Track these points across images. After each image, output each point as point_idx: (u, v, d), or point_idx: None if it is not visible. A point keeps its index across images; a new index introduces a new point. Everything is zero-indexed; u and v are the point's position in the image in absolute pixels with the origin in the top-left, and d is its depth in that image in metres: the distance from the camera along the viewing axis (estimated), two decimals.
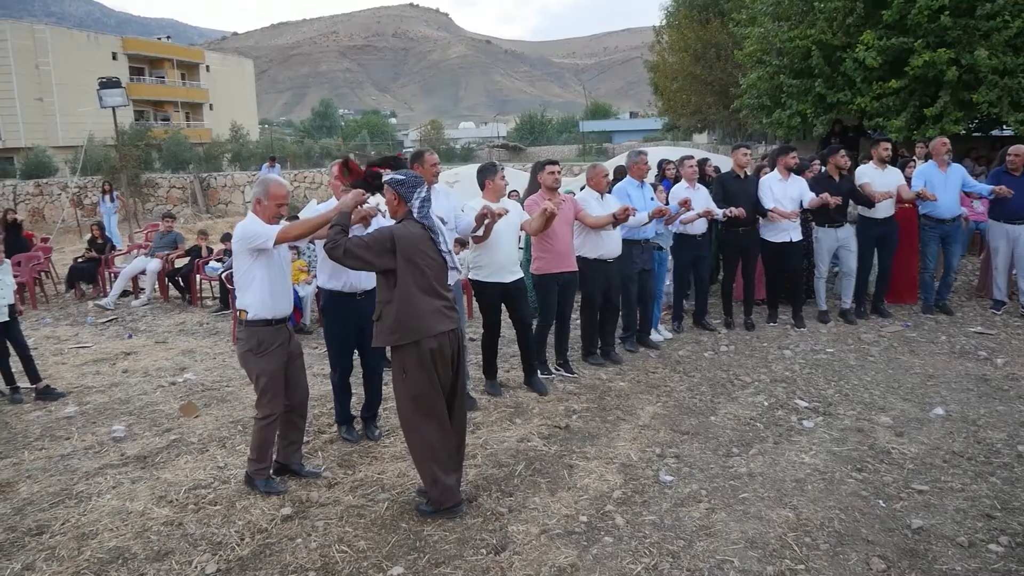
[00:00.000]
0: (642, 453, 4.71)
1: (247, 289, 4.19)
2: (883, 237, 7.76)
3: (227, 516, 4.07)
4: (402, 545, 3.71)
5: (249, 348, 4.21)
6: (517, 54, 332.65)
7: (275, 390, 4.24)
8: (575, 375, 6.32)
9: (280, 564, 3.57)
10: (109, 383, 6.67)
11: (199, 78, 53.17)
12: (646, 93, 35.88)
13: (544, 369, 6.31)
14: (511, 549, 3.63)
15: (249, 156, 29.87)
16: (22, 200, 22.76)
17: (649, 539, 3.70)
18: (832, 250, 7.75)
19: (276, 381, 4.24)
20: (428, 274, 3.84)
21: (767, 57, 14.26)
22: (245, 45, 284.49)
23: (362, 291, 4.82)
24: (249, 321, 4.20)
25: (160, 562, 3.63)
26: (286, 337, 4.34)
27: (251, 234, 4.11)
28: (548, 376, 6.25)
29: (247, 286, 4.19)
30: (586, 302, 6.56)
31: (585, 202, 6.42)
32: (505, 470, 4.50)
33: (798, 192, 7.52)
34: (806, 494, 4.12)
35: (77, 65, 41.15)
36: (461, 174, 12.22)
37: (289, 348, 4.35)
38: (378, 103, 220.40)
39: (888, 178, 7.71)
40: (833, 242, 7.71)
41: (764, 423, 5.18)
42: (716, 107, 22.30)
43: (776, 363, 6.50)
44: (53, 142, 37.06)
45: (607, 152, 38.45)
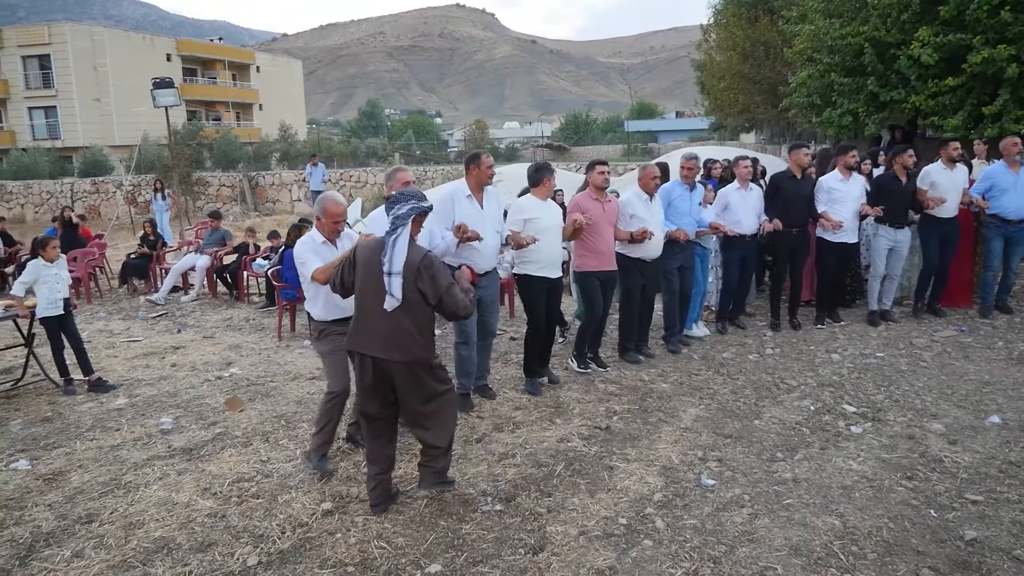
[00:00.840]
0: (683, 456, 4.64)
1: (310, 297, 4.59)
2: (946, 237, 7.56)
3: (269, 509, 4.12)
4: (440, 543, 3.71)
5: (314, 336, 4.70)
6: (562, 54, 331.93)
7: (336, 368, 4.50)
8: (606, 369, 6.38)
9: (319, 558, 3.60)
10: (158, 376, 6.83)
11: (250, 79, 54.15)
12: (692, 92, 35.52)
13: (581, 363, 6.36)
14: (549, 550, 3.61)
15: (296, 155, 30.36)
16: (79, 198, 23.46)
17: (690, 543, 3.64)
18: (888, 249, 7.56)
19: (337, 359, 4.48)
20: (364, 289, 3.83)
21: (818, 55, 13.97)
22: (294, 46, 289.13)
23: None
24: (312, 319, 4.66)
25: (203, 553, 3.69)
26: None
27: (300, 259, 4.46)
28: (584, 370, 6.30)
29: (310, 295, 4.58)
30: (624, 298, 6.58)
31: (631, 203, 6.41)
32: (544, 470, 4.47)
33: (860, 191, 7.37)
34: (853, 501, 4.01)
35: (133, 66, 42.25)
36: (505, 173, 12.19)
37: None
38: (423, 103, 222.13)
39: (956, 178, 7.51)
40: (891, 242, 7.52)
41: (810, 428, 5.06)
42: (764, 106, 21.93)
43: (823, 367, 6.35)
44: (109, 141, 38.15)
45: (652, 152, 38.06)
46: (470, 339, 5.51)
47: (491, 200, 5.46)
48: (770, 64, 20.59)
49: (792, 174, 7.41)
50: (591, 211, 5.95)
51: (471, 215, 5.25)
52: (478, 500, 4.12)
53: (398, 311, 3.68)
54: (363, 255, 3.84)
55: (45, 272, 6.35)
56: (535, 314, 5.87)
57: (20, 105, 41.88)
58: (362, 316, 3.83)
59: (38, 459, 4.99)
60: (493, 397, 5.73)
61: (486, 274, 5.45)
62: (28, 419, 5.80)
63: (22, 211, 23.94)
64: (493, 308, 5.69)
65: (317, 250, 4.45)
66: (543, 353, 6.07)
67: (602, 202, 6.09)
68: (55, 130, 41.62)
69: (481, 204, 5.38)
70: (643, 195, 6.44)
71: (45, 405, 6.17)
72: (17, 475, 4.76)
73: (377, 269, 3.69)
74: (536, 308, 5.85)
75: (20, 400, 6.33)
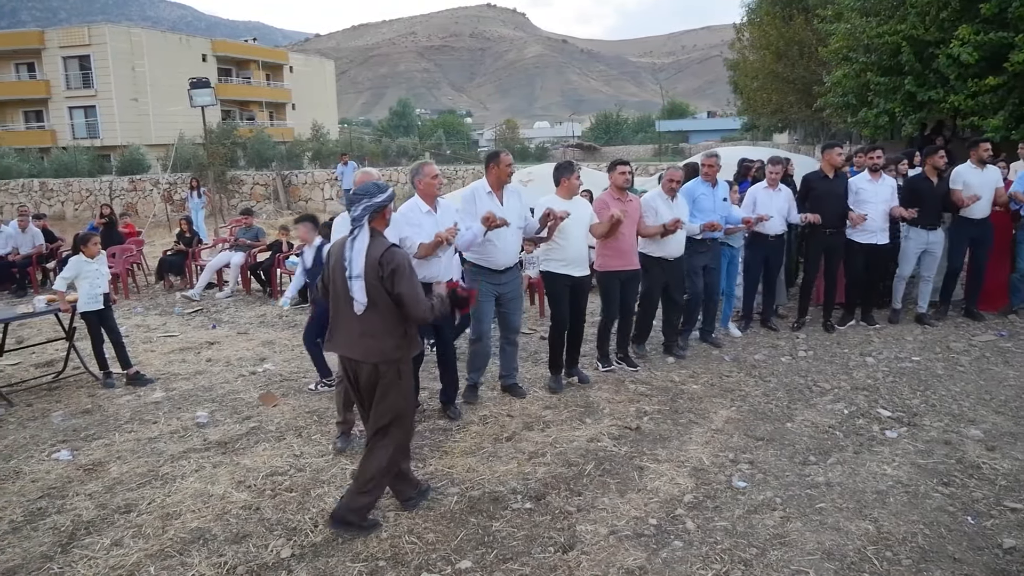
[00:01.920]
0: (715, 457, 4.62)
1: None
2: (977, 239, 7.44)
3: (302, 503, 4.18)
4: (470, 539, 3.73)
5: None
6: (593, 53, 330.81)
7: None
8: (636, 368, 6.38)
9: (351, 552, 3.65)
10: (194, 371, 6.95)
11: (283, 79, 54.78)
12: (724, 92, 35.20)
13: (605, 362, 6.38)
14: (579, 548, 3.62)
15: (328, 154, 30.67)
16: (117, 195, 23.90)
17: (720, 545, 3.62)
18: (919, 252, 7.45)
19: None
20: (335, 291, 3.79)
21: (854, 54, 13.78)
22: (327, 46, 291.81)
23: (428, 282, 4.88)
24: None
25: (238, 544, 3.76)
26: None
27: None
28: (609, 369, 6.33)
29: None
30: (645, 297, 6.58)
31: (654, 202, 6.42)
32: (574, 469, 4.48)
33: (889, 193, 7.26)
34: (888, 507, 3.96)
35: (170, 66, 42.99)
36: (535, 172, 12.23)
37: None
38: (454, 103, 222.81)
39: (987, 178, 7.38)
40: (923, 244, 7.41)
41: (844, 432, 5.00)
42: (798, 106, 21.64)
43: (857, 370, 6.26)
44: (146, 140, 38.80)
45: (683, 152, 37.81)
46: (484, 335, 5.58)
47: (512, 197, 5.47)
48: (804, 63, 20.31)
49: (824, 174, 7.33)
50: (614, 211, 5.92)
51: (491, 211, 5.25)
52: (508, 498, 4.14)
53: (367, 312, 3.63)
54: (332, 257, 3.81)
55: (86, 268, 6.50)
56: (558, 311, 5.87)
57: (61, 105, 42.84)
58: (335, 317, 3.81)
59: (78, 450, 5.11)
60: (523, 396, 5.75)
61: (507, 270, 5.48)
62: (69, 411, 5.95)
63: (62, 208, 24.47)
64: (516, 305, 5.71)
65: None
66: (571, 352, 6.06)
67: (624, 202, 6.09)
68: (94, 129, 42.51)
69: (501, 201, 5.40)
70: (665, 196, 6.45)
71: (85, 397, 6.32)
72: (59, 465, 4.89)
73: (343, 271, 3.66)
74: (559, 305, 5.85)
75: (61, 392, 6.49)
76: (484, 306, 5.47)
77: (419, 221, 4.96)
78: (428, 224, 4.95)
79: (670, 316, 6.77)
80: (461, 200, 5.57)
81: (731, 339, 7.25)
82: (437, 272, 4.95)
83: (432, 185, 5.05)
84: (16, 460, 5.00)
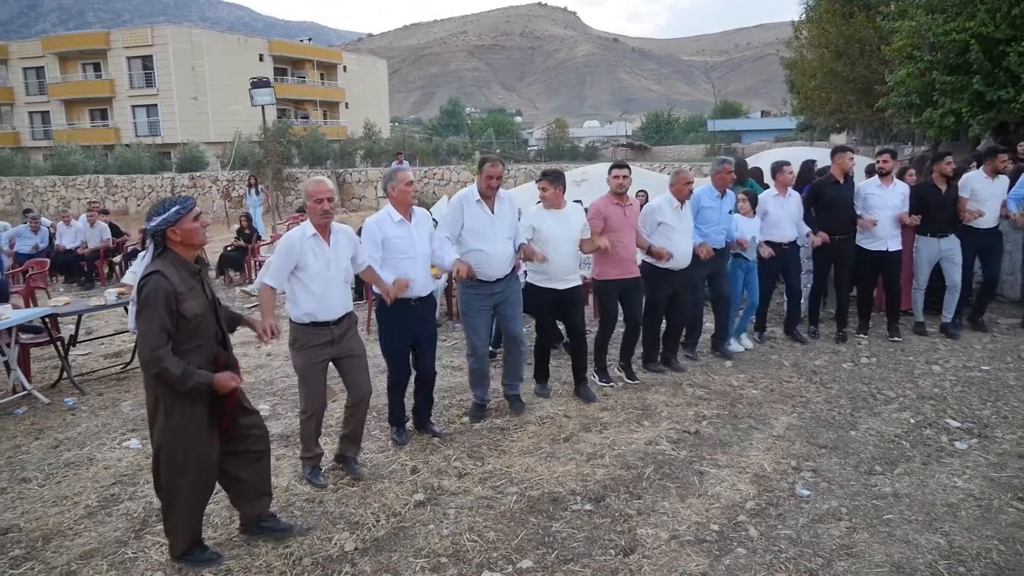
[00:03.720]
0: (776, 464, 4.55)
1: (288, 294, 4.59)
2: (986, 248, 7.29)
3: (363, 498, 4.25)
4: (531, 539, 3.75)
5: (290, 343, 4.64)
6: (644, 52, 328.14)
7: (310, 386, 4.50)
8: (637, 382, 6.13)
9: (413, 548, 3.69)
10: (255, 365, 7.10)
11: (337, 78, 55.66)
12: (778, 91, 34.60)
13: (603, 376, 6.13)
14: (640, 552, 3.60)
15: (380, 153, 31.06)
16: (178, 191, 24.60)
17: (785, 554, 3.56)
18: (933, 261, 7.24)
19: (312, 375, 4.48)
20: None
21: (918, 52, 13.41)
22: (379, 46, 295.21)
23: (416, 297, 4.81)
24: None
25: (303, 536, 3.83)
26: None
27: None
28: (607, 383, 6.08)
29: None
30: (650, 308, 6.30)
31: (660, 210, 6.12)
32: (633, 472, 4.46)
33: (900, 199, 7.09)
34: (959, 521, 3.85)
35: (228, 66, 44.08)
36: (589, 172, 12.16)
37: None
38: (504, 102, 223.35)
39: (996, 189, 7.22)
40: (935, 253, 7.20)
41: (910, 441, 4.87)
42: (858, 106, 21.14)
43: (923, 378, 6.10)
44: (205, 138, 39.85)
45: (736, 152, 37.30)
46: (476, 351, 5.32)
47: (503, 205, 5.18)
48: (865, 62, 19.83)
49: (834, 179, 7.13)
50: (611, 216, 5.74)
51: (480, 220, 5.09)
52: (568, 499, 4.14)
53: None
54: None
55: None
56: (541, 323, 5.81)
57: (125, 104, 44.28)
58: None
59: (148, 439, 5.24)
60: (521, 410, 5.48)
61: (501, 280, 5.22)
62: (137, 401, 6.13)
63: (126, 203, 25.29)
64: (515, 315, 5.38)
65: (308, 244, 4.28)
66: (576, 365, 5.87)
67: (623, 206, 5.80)
68: (156, 127, 43.86)
69: (492, 209, 5.13)
70: (674, 202, 6.11)
71: None
72: (129, 453, 5.05)
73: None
74: (542, 317, 5.76)
75: (129, 382, 6.71)
76: (476, 319, 5.24)
77: (388, 234, 4.70)
78: (399, 235, 4.72)
79: (672, 327, 6.49)
80: (448, 207, 5.33)
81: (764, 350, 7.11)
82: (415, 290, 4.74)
83: (406, 192, 4.74)
84: (89, 447, 5.19)
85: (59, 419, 5.82)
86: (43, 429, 5.60)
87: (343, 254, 4.37)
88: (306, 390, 4.46)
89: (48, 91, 45.57)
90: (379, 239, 4.70)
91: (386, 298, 4.62)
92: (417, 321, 4.89)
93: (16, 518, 4.17)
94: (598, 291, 6.11)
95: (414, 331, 4.91)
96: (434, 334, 5.14)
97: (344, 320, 4.42)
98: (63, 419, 5.82)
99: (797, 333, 7.33)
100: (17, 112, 47.40)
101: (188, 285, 3.38)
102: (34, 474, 4.77)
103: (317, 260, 4.25)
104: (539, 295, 5.65)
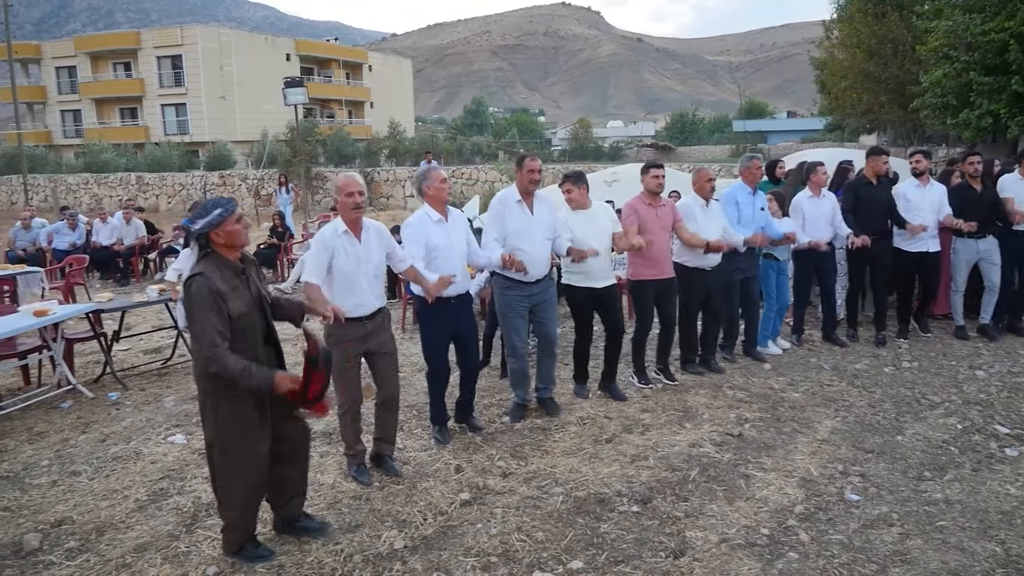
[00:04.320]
0: (823, 468, 4.51)
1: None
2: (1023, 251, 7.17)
3: (409, 496, 4.27)
4: (580, 540, 3.74)
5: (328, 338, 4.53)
6: (668, 52, 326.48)
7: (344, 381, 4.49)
8: (676, 383, 6.12)
9: (463, 547, 3.70)
10: (292, 362, 7.09)
11: (362, 77, 55.95)
12: (804, 91, 34.29)
13: (642, 378, 6.12)
14: (690, 555, 3.58)
15: (405, 152, 31.10)
16: (210, 190, 24.86)
17: (838, 559, 3.53)
18: (971, 263, 7.14)
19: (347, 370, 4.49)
20: None
21: (955, 52, 13.25)
22: (403, 45, 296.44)
23: (456, 296, 4.85)
24: None
25: (352, 533, 3.86)
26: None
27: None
28: (646, 385, 6.06)
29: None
30: (684, 310, 6.28)
31: (688, 209, 6.12)
32: (678, 474, 4.44)
33: (939, 199, 7.01)
34: (1015, 528, 3.79)
35: (256, 66, 44.50)
36: (620, 173, 12.15)
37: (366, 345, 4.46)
38: (527, 101, 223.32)
39: None
40: (973, 254, 7.10)
41: (959, 447, 4.81)
42: (890, 107, 20.90)
43: (968, 384, 6.01)
44: (232, 137, 40.21)
45: (762, 153, 36.99)
46: (516, 350, 5.36)
47: (542, 206, 5.25)
48: (898, 62, 19.60)
49: (868, 180, 7.11)
50: (644, 216, 5.73)
51: (521, 221, 5.13)
52: (614, 500, 4.13)
53: None
54: None
55: None
56: (581, 324, 5.77)
57: (154, 102, 44.84)
58: None
59: (192, 435, 5.33)
60: (557, 412, 5.47)
61: (540, 281, 5.27)
62: (179, 396, 6.22)
63: (156, 201, 25.61)
64: (551, 315, 5.41)
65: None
66: (608, 365, 5.90)
67: (656, 207, 5.82)
68: (184, 126, 44.37)
69: (531, 209, 5.18)
70: (699, 200, 6.15)
71: (193, 384, 6.56)
72: (175, 448, 5.12)
73: None
74: (581, 317, 5.74)
75: (170, 378, 6.80)
76: (516, 320, 5.28)
77: (428, 233, 4.74)
78: (438, 233, 4.76)
79: (709, 328, 6.48)
80: (489, 208, 5.38)
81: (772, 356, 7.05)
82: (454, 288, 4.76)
83: (442, 190, 4.80)
84: (135, 441, 5.26)
85: (104, 414, 5.91)
86: (89, 423, 5.69)
87: (375, 251, 4.41)
88: (341, 385, 4.47)
89: (80, 90, 46.27)
90: (422, 239, 4.72)
91: (428, 296, 4.63)
92: (456, 318, 4.93)
93: (69, 510, 4.24)
94: (633, 291, 6.10)
95: (454, 328, 4.94)
96: (474, 329, 5.19)
97: (377, 315, 4.48)
98: (108, 414, 5.91)
99: (836, 337, 7.24)
100: (49, 110, 48.18)
101: (231, 285, 3.41)
102: (83, 467, 4.85)
103: (348, 257, 4.30)
104: (576, 296, 5.67)
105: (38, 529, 4.02)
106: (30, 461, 4.98)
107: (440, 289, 4.59)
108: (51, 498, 4.42)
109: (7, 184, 29.13)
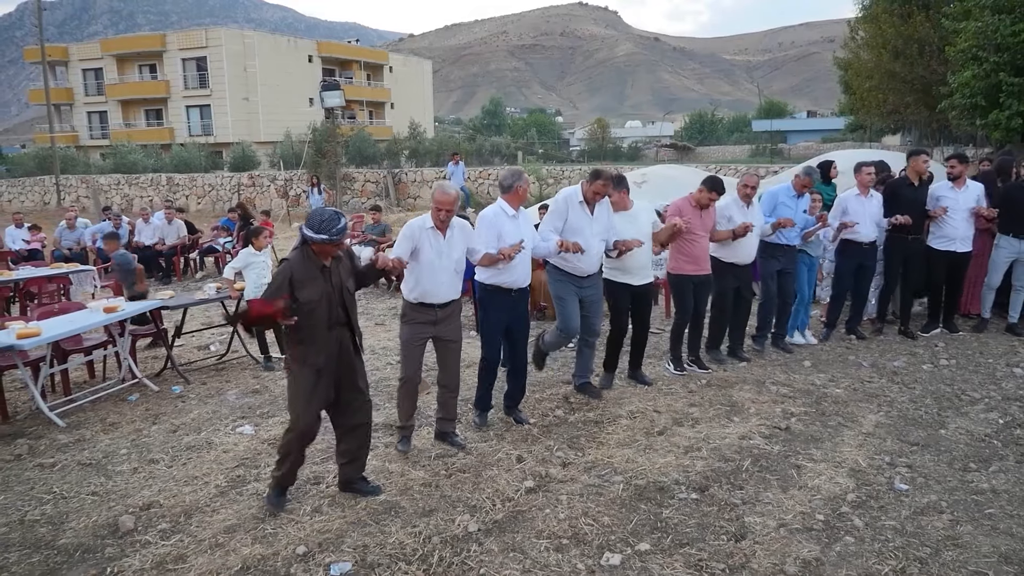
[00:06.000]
0: (871, 460, 4.69)
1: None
2: None
3: (476, 483, 4.49)
4: (644, 524, 3.95)
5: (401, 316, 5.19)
6: (686, 51, 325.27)
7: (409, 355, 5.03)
8: (708, 371, 6.52)
9: (534, 530, 3.92)
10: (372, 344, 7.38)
11: (383, 78, 56.36)
12: (824, 91, 34.31)
13: (678, 365, 6.55)
14: (751, 538, 3.78)
15: (425, 153, 31.18)
16: (241, 191, 25.25)
17: (892, 543, 3.72)
18: (1010, 261, 7.30)
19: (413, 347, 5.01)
20: None
21: (984, 53, 13.30)
22: (420, 46, 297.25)
23: (517, 288, 5.20)
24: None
25: (428, 517, 4.09)
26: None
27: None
28: (680, 372, 6.49)
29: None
30: (717, 300, 6.70)
31: (728, 208, 6.50)
32: (731, 464, 4.64)
33: (974, 201, 7.20)
34: None
35: (278, 67, 45.02)
36: (650, 174, 12.32)
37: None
38: (544, 101, 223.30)
39: None
40: (1014, 253, 7.26)
41: (1001, 441, 4.97)
42: (916, 107, 20.92)
43: (1006, 380, 6.16)
44: (255, 137, 40.66)
45: (782, 153, 36.96)
46: (570, 333, 5.74)
47: (601, 208, 5.61)
48: (924, 63, 19.63)
49: (910, 181, 7.31)
50: (690, 218, 6.09)
51: (581, 220, 5.48)
52: (673, 488, 4.33)
53: None
54: None
55: (254, 259, 7.05)
56: (618, 318, 6.07)
57: (179, 104, 45.47)
58: None
59: (259, 426, 5.60)
60: (598, 396, 5.93)
61: (591, 276, 5.66)
62: (240, 390, 6.48)
63: (186, 201, 26.03)
64: (597, 308, 5.83)
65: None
66: (634, 356, 6.34)
67: (700, 210, 6.24)
68: (208, 127, 44.94)
69: (592, 211, 5.53)
70: (740, 202, 6.54)
71: (251, 379, 6.86)
72: (244, 438, 5.37)
73: None
74: (619, 312, 6.05)
75: (228, 373, 7.07)
76: (571, 306, 5.65)
77: (502, 225, 5.10)
78: (511, 227, 5.11)
79: (738, 318, 6.87)
80: (552, 203, 5.76)
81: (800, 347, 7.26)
82: (515, 277, 5.13)
83: (527, 191, 5.36)
84: (206, 432, 5.52)
85: (170, 406, 6.18)
86: (158, 415, 5.96)
87: (457, 247, 4.81)
88: (404, 357, 5.02)
89: (106, 91, 47.01)
90: (497, 232, 5.07)
91: (503, 259, 4.92)
92: (512, 310, 5.27)
93: (154, 495, 4.49)
94: (673, 285, 6.49)
95: (508, 320, 5.27)
96: (527, 324, 5.49)
97: (449, 306, 4.90)
98: (174, 406, 6.18)
99: (858, 330, 7.51)
100: (76, 112, 48.96)
101: (310, 275, 4.02)
102: (160, 455, 5.11)
103: (431, 249, 4.73)
104: (616, 291, 6.01)
105: (129, 512, 4.27)
106: (109, 449, 5.25)
107: (513, 253, 4.92)
108: (135, 484, 4.68)
109: (40, 184, 29.70)
